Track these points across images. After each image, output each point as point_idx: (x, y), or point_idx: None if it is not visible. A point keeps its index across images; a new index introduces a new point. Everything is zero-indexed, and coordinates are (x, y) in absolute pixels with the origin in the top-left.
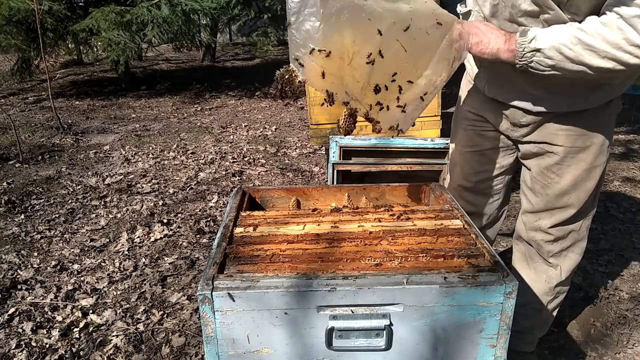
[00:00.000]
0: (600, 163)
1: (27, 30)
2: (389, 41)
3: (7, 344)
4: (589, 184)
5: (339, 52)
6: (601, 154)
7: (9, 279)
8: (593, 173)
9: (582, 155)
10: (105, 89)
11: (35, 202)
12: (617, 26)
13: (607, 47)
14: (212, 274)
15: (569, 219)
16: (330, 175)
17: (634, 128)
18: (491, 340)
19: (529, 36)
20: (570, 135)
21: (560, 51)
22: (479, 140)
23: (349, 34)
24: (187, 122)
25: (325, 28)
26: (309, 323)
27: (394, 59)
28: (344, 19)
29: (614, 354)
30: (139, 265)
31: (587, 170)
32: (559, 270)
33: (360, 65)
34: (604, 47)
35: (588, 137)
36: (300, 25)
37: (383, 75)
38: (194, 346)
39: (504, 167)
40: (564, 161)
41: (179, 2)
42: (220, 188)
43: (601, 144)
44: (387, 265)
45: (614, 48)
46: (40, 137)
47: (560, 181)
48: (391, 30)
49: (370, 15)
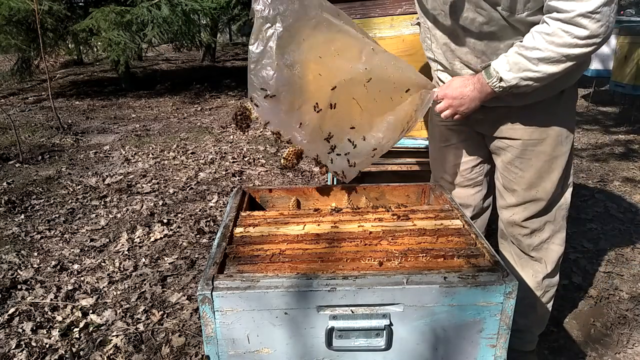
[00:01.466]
0: (561, 153)
1: (27, 30)
2: (342, 96)
3: (7, 344)
4: (553, 175)
5: (289, 99)
6: (560, 144)
7: (9, 279)
8: (555, 163)
9: (540, 147)
10: (105, 89)
11: (35, 202)
12: (562, 30)
13: (564, 50)
14: (212, 274)
15: (541, 210)
16: (330, 175)
17: (634, 128)
18: (491, 340)
19: (493, 75)
20: (527, 128)
21: (528, 77)
22: (450, 135)
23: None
24: (187, 122)
25: (278, 77)
26: (309, 323)
27: (347, 113)
28: (297, 72)
29: (614, 354)
30: (139, 265)
31: (548, 161)
32: (543, 264)
33: (308, 111)
34: (561, 51)
35: (544, 129)
36: (258, 71)
37: (335, 126)
38: (194, 346)
39: (479, 158)
40: (525, 154)
41: (179, 2)
42: (220, 188)
43: (557, 134)
44: (387, 265)
45: (570, 48)
46: (40, 137)
47: (524, 175)
48: (346, 88)
49: (324, 70)
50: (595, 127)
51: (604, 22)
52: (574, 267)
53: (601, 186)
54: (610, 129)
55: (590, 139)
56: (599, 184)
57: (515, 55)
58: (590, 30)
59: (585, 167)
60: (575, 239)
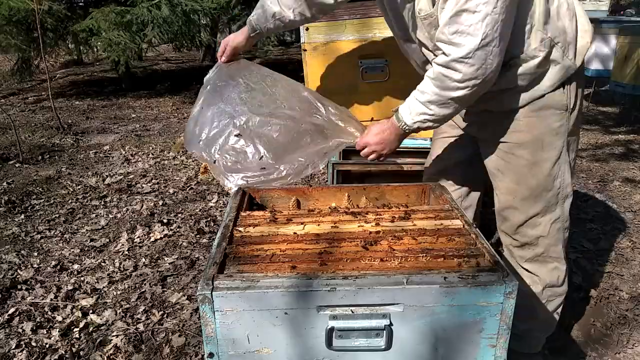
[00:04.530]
0: (542, 159)
1: (27, 30)
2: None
3: (7, 344)
4: (531, 182)
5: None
6: (540, 150)
7: (9, 279)
8: (535, 170)
9: (518, 151)
10: (105, 89)
11: (35, 202)
12: (442, 74)
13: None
14: (212, 274)
15: (527, 222)
16: (330, 175)
17: (634, 128)
18: (491, 340)
19: (400, 119)
20: (508, 131)
21: (426, 119)
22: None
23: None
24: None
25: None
26: (309, 323)
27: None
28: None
29: (614, 354)
30: (139, 265)
31: (527, 166)
32: (541, 277)
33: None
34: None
35: (522, 132)
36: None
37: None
38: (194, 346)
39: (461, 157)
40: (505, 157)
41: (179, 2)
42: (220, 188)
43: (534, 139)
44: (387, 265)
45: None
46: (40, 137)
47: (504, 179)
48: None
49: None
50: (595, 127)
51: (479, 65)
52: (574, 267)
53: (601, 186)
54: (610, 129)
55: (590, 139)
56: (599, 184)
57: (412, 100)
58: (464, 73)
59: (585, 167)
60: (575, 239)
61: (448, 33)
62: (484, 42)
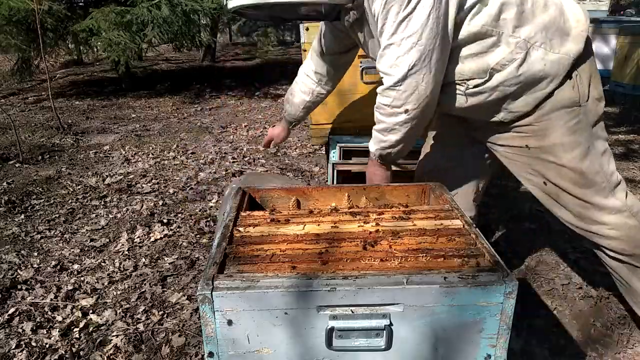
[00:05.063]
0: (568, 161)
1: (27, 30)
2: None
3: (7, 344)
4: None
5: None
6: (563, 152)
7: (9, 279)
8: (564, 172)
9: (543, 155)
10: (105, 89)
11: (35, 202)
12: (381, 103)
13: (390, 119)
14: (212, 274)
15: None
16: (330, 175)
17: (634, 128)
18: (491, 340)
19: (372, 152)
20: (524, 137)
21: (385, 147)
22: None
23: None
24: (187, 122)
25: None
26: (309, 323)
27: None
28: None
29: (614, 354)
30: (139, 265)
31: (556, 169)
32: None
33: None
34: (389, 121)
35: (538, 138)
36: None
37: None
38: (194, 346)
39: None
40: (532, 163)
41: (179, 2)
42: (220, 188)
43: (553, 145)
44: (387, 265)
45: (392, 117)
46: (40, 137)
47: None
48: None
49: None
50: None
51: (411, 92)
52: (574, 267)
53: None
54: (610, 129)
55: None
56: None
57: (373, 130)
58: (394, 98)
59: None
60: (575, 239)
61: (382, 65)
62: (412, 71)
